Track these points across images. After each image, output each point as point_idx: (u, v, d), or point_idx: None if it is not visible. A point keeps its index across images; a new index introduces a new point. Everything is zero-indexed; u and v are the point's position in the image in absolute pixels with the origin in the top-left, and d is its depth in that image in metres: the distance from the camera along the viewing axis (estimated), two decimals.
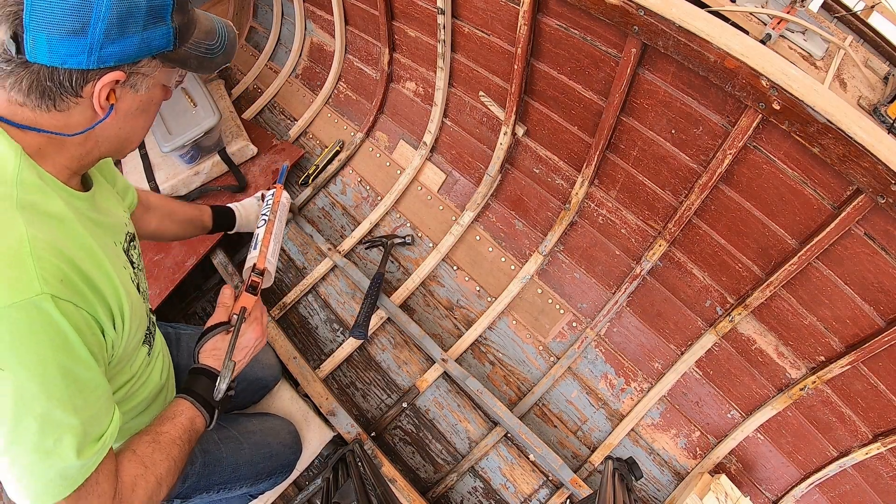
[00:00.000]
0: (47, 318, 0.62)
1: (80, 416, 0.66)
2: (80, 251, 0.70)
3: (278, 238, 1.30)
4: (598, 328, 1.75)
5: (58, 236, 0.67)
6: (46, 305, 0.61)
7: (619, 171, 1.61)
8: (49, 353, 0.62)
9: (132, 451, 0.81)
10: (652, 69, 1.34)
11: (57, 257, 0.64)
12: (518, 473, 1.69)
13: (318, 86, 2.41)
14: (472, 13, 1.65)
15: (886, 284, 1.22)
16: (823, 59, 1.85)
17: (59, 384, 0.63)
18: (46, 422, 0.63)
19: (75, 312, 0.65)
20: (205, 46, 0.78)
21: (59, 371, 0.63)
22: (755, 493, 1.57)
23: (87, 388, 0.68)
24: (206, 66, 0.80)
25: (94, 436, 0.70)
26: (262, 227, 1.31)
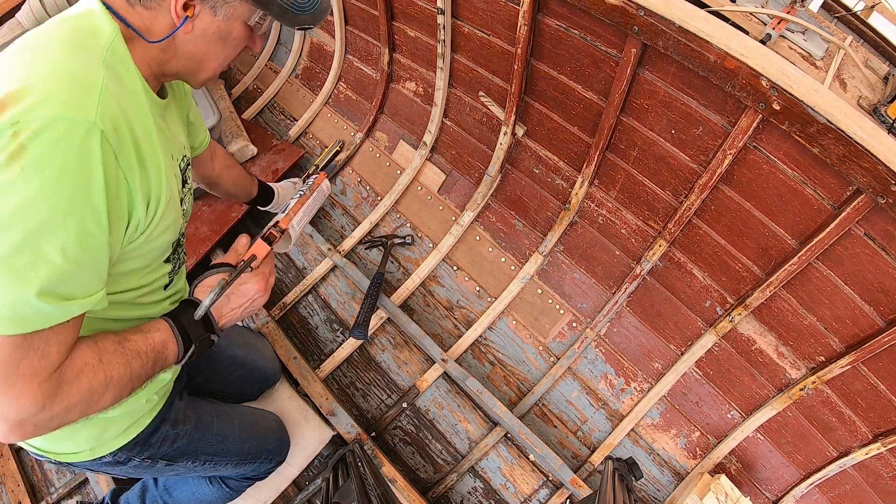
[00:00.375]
0: (86, 147, 0.62)
1: (65, 259, 0.62)
2: (141, 126, 0.73)
3: (308, 213, 1.26)
4: (598, 328, 1.75)
5: (128, 104, 0.71)
6: (93, 135, 0.62)
7: (619, 172, 1.61)
8: (69, 182, 0.61)
9: (94, 341, 0.75)
10: (652, 69, 1.34)
11: (120, 114, 0.67)
12: (518, 473, 1.69)
13: (318, 86, 2.41)
14: (471, 13, 1.65)
15: (886, 284, 1.22)
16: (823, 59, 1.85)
17: (61, 215, 0.61)
18: (30, 241, 0.60)
19: (113, 164, 0.66)
20: (292, 0, 0.78)
21: (69, 204, 0.61)
22: (755, 493, 1.57)
23: (85, 238, 0.64)
24: (289, 19, 0.80)
25: (66, 291, 0.65)
26: (296, 198, 1.28)
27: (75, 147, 0.61)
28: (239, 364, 1.47)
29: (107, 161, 0.64)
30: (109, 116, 0.65)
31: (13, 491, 1.64)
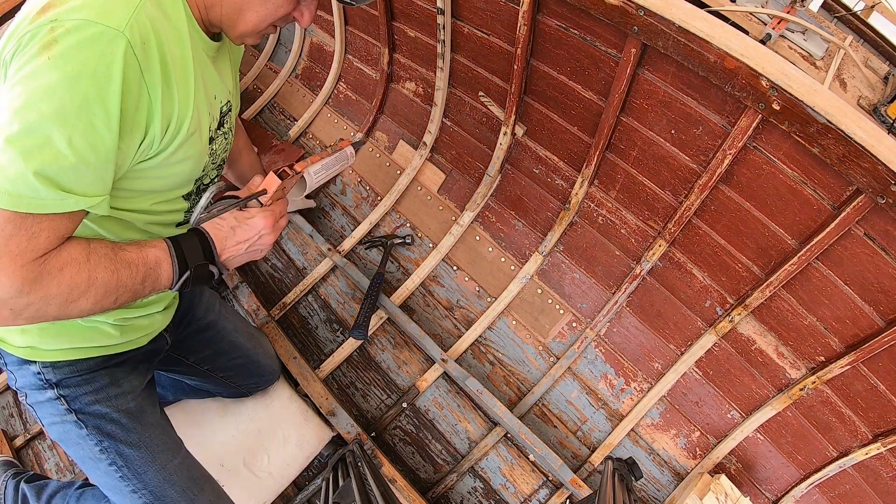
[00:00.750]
0: (110, 51, 0.66)
1: (70, 150, 0.65)
2: (177, 52, 0.77)
3: (327, 169, 1.21)
4: (597, 328, 1.75)
5: (166, 28, 0.74)
6: (118, 42, 0.66)
7: (619, 172, 1.61)
8: (87, 79, 0.65)
9: (87, 242, 0.76)
10: (652, 69, 1.34)
11: (153, 33, 0.71)
12: (518, 473, 1.69)
13: (318, 86, 2.41)
14: (471, 13, 1.65)
15: (886, 284, 1.22)
16: (823, 59, 1.85)
17: (75, 108, 0.65)
18: (42, 124, 0.63)
19: (136, 73, 0.69)
20: None
21: (83, 100, 0.65)
22: (755, 493, 1.57)
23: (93, 136, 0.67)
24: None
25: (65, 183, 0.67)
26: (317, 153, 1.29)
27: (100, 49, 0.65)
28: (240, 352, 1.44)
29: (128, 69, 0.68)
30: (140, 31, 0.68)
31: None
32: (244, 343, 1.46)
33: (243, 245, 0.93)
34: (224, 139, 1.01)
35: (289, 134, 2.35)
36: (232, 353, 1.42)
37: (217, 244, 0.90)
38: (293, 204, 1.98)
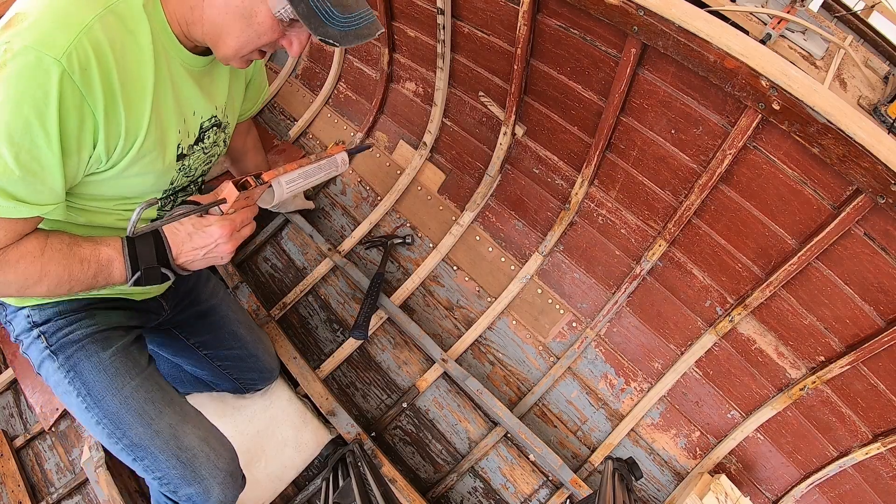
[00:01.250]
0: (45, 79, 0.71)
1: (17, 164, 0.73)
2: (133, 71, 0.80)
3: (307, 178, 1.17)
4: (597, 328, 1.75)
5: (123, 48, 0.78)
6: (53, 70, 0.71)
7: (619, 171, 1.61)
8: (27, 103, 0.71)
9: (45, 237, 0.85)
10: (652, 69, 1.34)
11: (97, 55, 0.74)
12: (518, 473, 1.69)
13: (318, 86, 2.41)
14: (471, 13, 1.65)
15: (886, 284, 1.22)
16: (823, 58, 1.85)
17: (19, 127, 0.71)
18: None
19: (74, 95, 0.74)
20: (327, 8, 0.77)
21: (25, 121, 0.71)
22: (755, 493, 1.57)
23: (37, 152, 0.74)
24: (315, 25, 0.78)
25: (17, 193, 0.76)
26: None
27: (37, 77, 0.71)
28: (239, 343, 1.44)
29: (65, 94, 0.72)
30: (79, 57, 0.72)
31: (13, 491, 1.65)
32: (245, 335, 1.46)
33: (199, 251, 0.95)
34: (203, 153, 1.04)
35: (289, 134, 2.35)
36: (231, 342, 1.43)
37: (172, 248, 0.93)
38: (290, 205, 1.98)
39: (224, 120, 1.09)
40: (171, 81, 0.88)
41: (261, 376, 1.56)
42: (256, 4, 0.80)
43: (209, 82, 0.99)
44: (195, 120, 0.98)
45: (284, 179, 1.09)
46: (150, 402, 1.08)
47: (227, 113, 1.10)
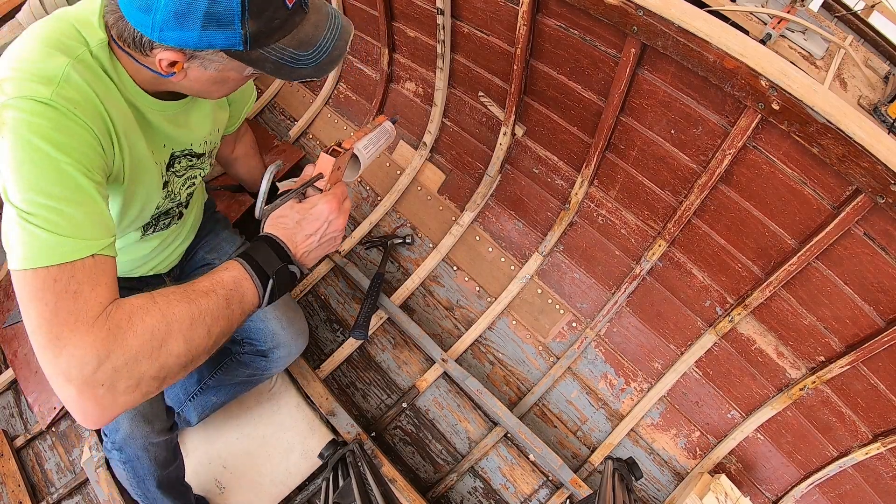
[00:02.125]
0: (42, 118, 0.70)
1: (52, 200, 0.68)
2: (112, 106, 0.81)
3: (374, 145, 1.10)
4: (597, 328, 1.75)
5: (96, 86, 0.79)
6: (48, 109, 0.71)
7: (619, 172, 1.61)
8: (38, 143, 0.69)
9: (150, 294, 0.72)
10: (651, 69, 1.34)
11: (79, 92, 0.76)
12: (518, 473, 1.69)
13: (318, 86, 2.41)
14: (471, 13, 1.65)
15: (886, 284, 1.22)
16: (824, 58, 1.85)
17: (45, 170, 0.68)
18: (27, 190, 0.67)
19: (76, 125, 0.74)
20: (289, 54, 0.77)
21: (46, 160, 0.69)
22: (755, 493, 1.57)
23: (70, 182, 0.70)
24: (286, 74, 0.79)
25: (70, 231, 0.68)
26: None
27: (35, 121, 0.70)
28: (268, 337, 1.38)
29: (67, 126, 0.73)
30: (67, 95, 0.73)
31: (13, 491, 1.65)
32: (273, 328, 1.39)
33: (314, 238, 0.88)
34: (177, 177, 1.07)
35: (289, 134, 2.35)
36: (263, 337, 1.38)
37: (288, 243, 0.86)
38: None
39: (202, 150, 1.09)
40: (145, 121, 0.91)
41: (278, 341, 1.39)
42: (227, 71, 0.80)
43: (185, 120, 1.00)
44: (166, 152, 1.00)
45: (361, 146, 1.04)
46: None
47: (214, 140, 1.12)
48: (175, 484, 1.28)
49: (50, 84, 0.72)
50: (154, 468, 1.18)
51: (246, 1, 0.68)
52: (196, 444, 1.60)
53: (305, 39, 0.77)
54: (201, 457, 1.58)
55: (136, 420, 1.11)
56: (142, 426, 1.11)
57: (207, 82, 0.82)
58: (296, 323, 1.41)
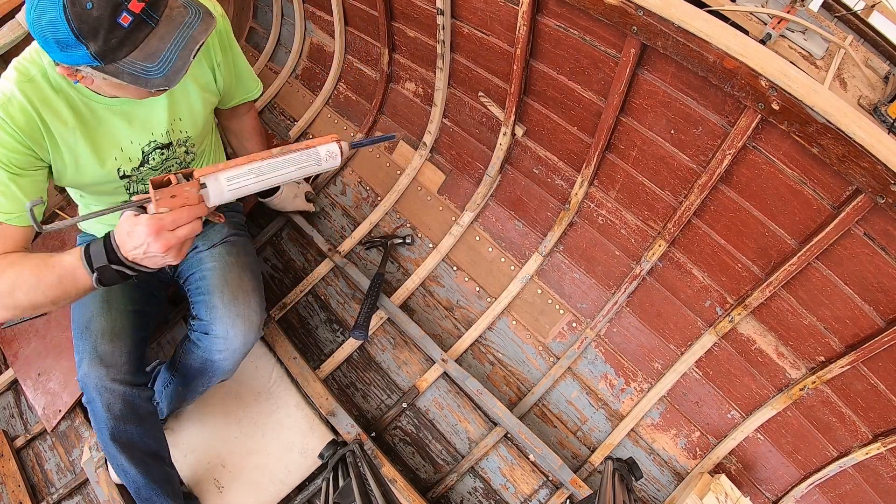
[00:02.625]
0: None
1: None
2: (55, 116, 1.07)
3: (263, 173, 1.02)
4: (597, 328, 1.75)
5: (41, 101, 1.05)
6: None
7: (619, 172, 1.61)
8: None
9: (16, 256, 1.03)
10: (651, 69, 1.34)
11: (21, 107, 1.03)
12: (518, 474, 1.69)
13: (318, 86, 2.41)
14: (471, 14, 1.65)
15: (886, 284, 1.22)
16: (824, 58, 1.85)
17: None
18: None
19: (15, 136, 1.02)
20: (140, 67, 0.90)
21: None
22: (755, 493, 1.57)
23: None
24: (143, 84, 0.92)
25: None
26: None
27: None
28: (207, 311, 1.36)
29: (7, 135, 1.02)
30: (9, 111, 1.02)
31: (13, 491, 1.65)
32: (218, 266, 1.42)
33: (139, 250, 0.94)
34: (155, 172, 1.26)
35: (289, 134, 2.35)
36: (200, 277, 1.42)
37: (119, 246, 0.97)
38: (289, 205, 1.97)
39: (166, 139, 1.24)
40: (97, 122, 1.12)
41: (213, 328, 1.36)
42: (111, 80, 0.93)
43: (145, 113, 1.18)
44: (134, 148, 1.19)
45: (224, 177, 0.98)
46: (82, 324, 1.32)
47: (181, 129, 1.27)
48: (132, 447, 1.29)
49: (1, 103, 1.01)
50: (108, 417, 1.25)
51: (74, 28, 0.83)
52: (196, 443, 1.60)
53: (151, 52, 0.89)
54: (201, 455, 1.58)
55: (93, 361, 1.24)
56: (96, 367, 1.24)
57: (110, 87, 0.99)
58: (239, 303, 1.36)
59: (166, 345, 1.81)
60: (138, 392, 1.28)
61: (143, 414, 1.30)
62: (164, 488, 1.33)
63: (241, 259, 1.46)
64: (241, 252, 1.48)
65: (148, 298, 1.45)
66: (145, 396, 1.31)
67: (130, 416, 1.27)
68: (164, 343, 1.81)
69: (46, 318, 1.82)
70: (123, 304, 1.34)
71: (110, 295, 1.33)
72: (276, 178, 1.05)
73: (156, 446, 1.35)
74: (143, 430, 1.30)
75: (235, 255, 1.46)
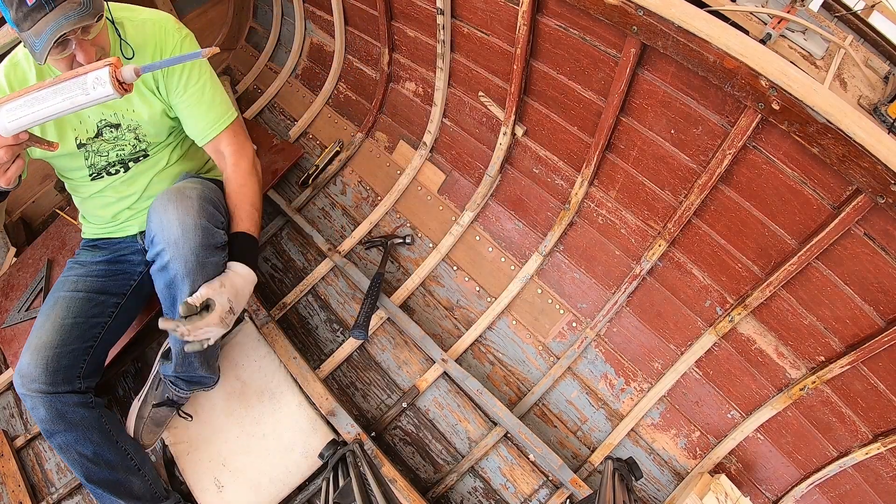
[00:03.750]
0: None
1: None
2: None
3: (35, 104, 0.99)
4: (597, 328, 1.75)
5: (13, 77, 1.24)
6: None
7: (619, 171, 1.61)
8: None
9: None
10: (651, 69, 1.34)
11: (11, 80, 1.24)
12: (518, 473, 1.69)
13: (318, 86, 2.41)
14: (471, 13, 1.65)
15: (886, 284, 1.22)
16: (824, 58, 1.85)
17: None
18: None
19: None
20: (32, 41, 1.04)
21: None
22: (755, 493, 1.56)
23: None
24: (34, 56, 1.07)
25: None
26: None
27: None
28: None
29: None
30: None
31: (14, 491, 1.65)
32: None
33: None
34: (108, 143, 1.36)
35: (289, 134, 2.35)
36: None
37: None
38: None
39: (115, 120, 1.35)
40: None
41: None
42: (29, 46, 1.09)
43: None
44: (90, 122, 1.31)
45: (3, 109, 0.99)
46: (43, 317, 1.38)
47: (132, 118, 1.36)
48: (66, 449, 1.33)
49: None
50: (37, 419, 1.32)
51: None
52: (196, 443, 1.60)
53: (39, 31, 1.03)
54: (201, 455, 1.58)
55: (18, 371, 1.30)
56: (18, 378, 1.31)
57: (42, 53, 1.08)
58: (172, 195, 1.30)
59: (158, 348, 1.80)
60: (63, 399, 1.32)
61: (74, 419, 1.32)
62: (105, 489, 1.37)
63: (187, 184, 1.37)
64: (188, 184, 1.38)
65: (98, 309, 1.43)
66: (73, 402, 1.33)
67: (57, 421, 1.31)
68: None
69: None
70: (61, 318, 1.37)
71: (52, 310, 1.38)
72: (49, 108, 1.00)
73: (97, 450, 1.35)
74: (78, 435, 1.33)
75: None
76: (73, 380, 1.35)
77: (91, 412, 1.37)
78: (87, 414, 1.36)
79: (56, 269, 1.92)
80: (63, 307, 1.39)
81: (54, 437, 1.33)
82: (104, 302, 1.46)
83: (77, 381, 1.36)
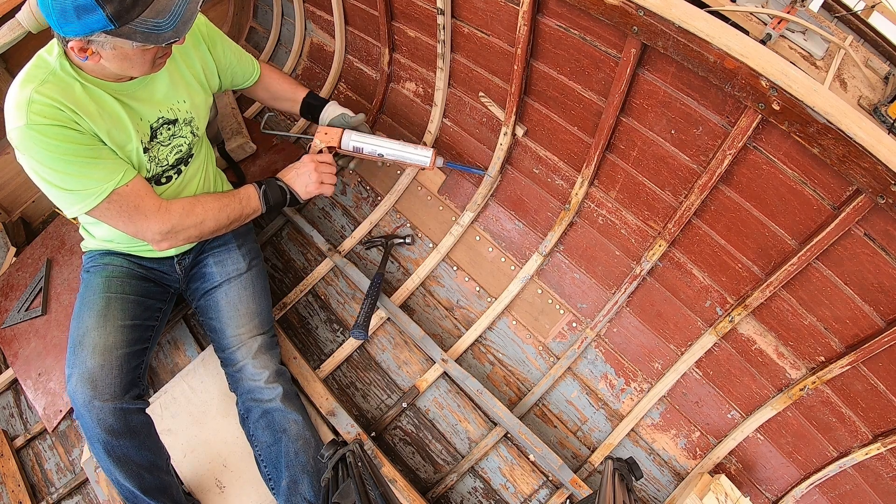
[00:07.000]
0: (32, 134, 1.10)
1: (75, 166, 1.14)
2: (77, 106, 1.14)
3: (380, 145, 1.65)
4: (597, 328, 1.75)
5: (62, 97, 1.12)
6: (27, 130, 1.09)
7: (619, 172, 1.61)
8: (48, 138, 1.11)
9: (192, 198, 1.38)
10: (652, 69, 1.34)
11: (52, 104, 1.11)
12: (518, 473, 1.69)
13: (318, 86, 2.41)
14: (471, 13, 1.65)
15: (886, 284, 1.22)
16: (824, 58, 1.85)
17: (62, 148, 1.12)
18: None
19: (53, 125, 1.10)
20: (152, 24, 1.00)
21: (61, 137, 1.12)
22: (755, 493, 1.57)
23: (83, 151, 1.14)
24: (154, 40, 1.02)
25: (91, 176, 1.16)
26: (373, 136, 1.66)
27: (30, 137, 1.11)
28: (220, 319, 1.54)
29: (46, 129, 1.10)
30: (37, 112, 1.09)
31: (13, 491, 1.65)
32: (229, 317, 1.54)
33: (298, 180, 1.54)
34: (163, 146, 1.35)
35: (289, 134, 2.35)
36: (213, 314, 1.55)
37: (282, 176, 1.53)
38: None
39: (172, 116, 1.35)
40: (108, 107, 1.20)
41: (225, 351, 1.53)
42: (122, 50, 1.05)
43: (148, 94, 1.28)
44: (144, 124, 1.29)
45: (355, 135, 1.63)
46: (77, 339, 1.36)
47: (186, 110, 1.38)
48: (127, 461, 1.29)
49: (21, 111, 1.08)
50: (99, 432, 1.26)
51: None
52: (196, 443, 1.60)
53: (161, 9, 1.00)
54: (202, 456, 1.58)
55: (82, 377, 1.28)
56: (84, 385, 1.27)
57: (116, 60, 1.08)
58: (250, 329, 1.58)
59: (166, 345, 1.81)
60: (129, 405, 1.29)
61: (136, 426, 1.30)
62: (158, 498, 1.33)
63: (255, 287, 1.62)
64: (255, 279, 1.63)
65: (149, 313, 1.48)
66: (136, 409, 1.32)
67: (123, 431, 1.27)
68: (164, 343, 1.81)
69: (46, 318, 1.82)
70: (121, 320, 1.37)
71: (108, 310, 1.37)
72: (381, 150, 1.65)
73: (152, 457, 1.34)
74: (138, 443, 1.30)
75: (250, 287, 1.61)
76: (137, 383, 1.35)
77: (148, 418, 1.37)
78: (145, 420, 1.35)
79: (55, 269, 1.92)
80: (121, 310, 1.39)
81: (116, 450, 1.27)
82: (151, 307, 1.50)
83: (141, 385, 1.37)
